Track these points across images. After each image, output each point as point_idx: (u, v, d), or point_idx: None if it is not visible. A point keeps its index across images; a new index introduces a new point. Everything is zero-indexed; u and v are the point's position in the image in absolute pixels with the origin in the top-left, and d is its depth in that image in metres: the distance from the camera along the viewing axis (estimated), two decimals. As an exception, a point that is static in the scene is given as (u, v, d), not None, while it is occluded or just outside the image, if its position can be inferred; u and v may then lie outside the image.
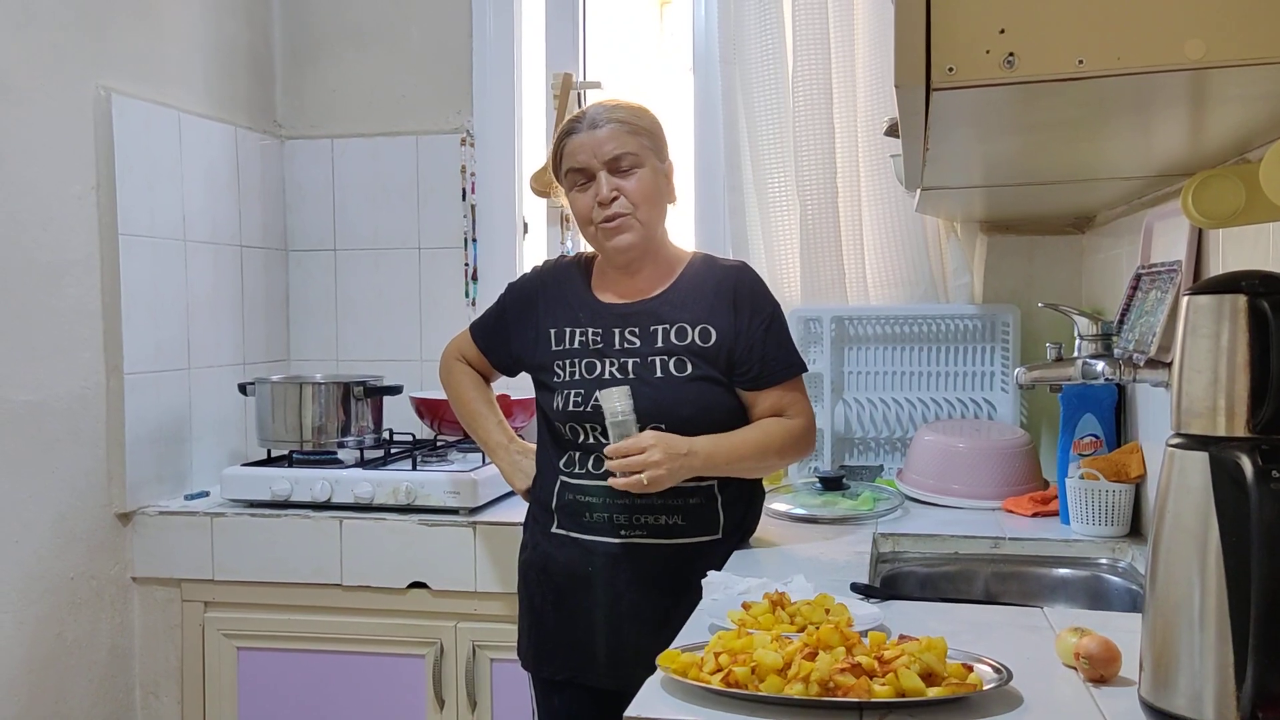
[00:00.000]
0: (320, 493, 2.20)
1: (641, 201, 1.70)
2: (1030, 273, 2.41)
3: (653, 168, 1.72)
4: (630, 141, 1.70)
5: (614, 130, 1.69)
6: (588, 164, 1.70)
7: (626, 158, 1.69)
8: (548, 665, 1.76)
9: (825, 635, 1.12)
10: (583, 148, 1.70)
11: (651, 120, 1.76)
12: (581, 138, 1.71)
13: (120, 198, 2.19)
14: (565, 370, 1.73)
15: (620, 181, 1.70)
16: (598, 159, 1.69)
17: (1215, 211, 1.17)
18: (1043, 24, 0.89)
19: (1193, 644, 0.94)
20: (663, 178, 1.75)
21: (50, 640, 2.07)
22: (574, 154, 1.72)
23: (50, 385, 2.06)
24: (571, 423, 1.71)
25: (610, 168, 1.70)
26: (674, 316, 1.72)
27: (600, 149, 1.69)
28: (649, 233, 1.73)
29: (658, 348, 1.70)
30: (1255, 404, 0.92)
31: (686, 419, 1.65)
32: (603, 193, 1.69)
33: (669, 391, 1.65)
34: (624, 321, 1.73)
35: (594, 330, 1.74)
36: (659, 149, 1.75)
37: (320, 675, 2.19)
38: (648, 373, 1.69)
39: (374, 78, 2.74)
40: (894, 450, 2.42)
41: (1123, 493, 1.81)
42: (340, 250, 2.78)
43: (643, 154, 1.71)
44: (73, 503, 2.11)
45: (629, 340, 1.72)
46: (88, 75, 2.15)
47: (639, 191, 1.70)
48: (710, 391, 1.69)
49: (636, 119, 1.73)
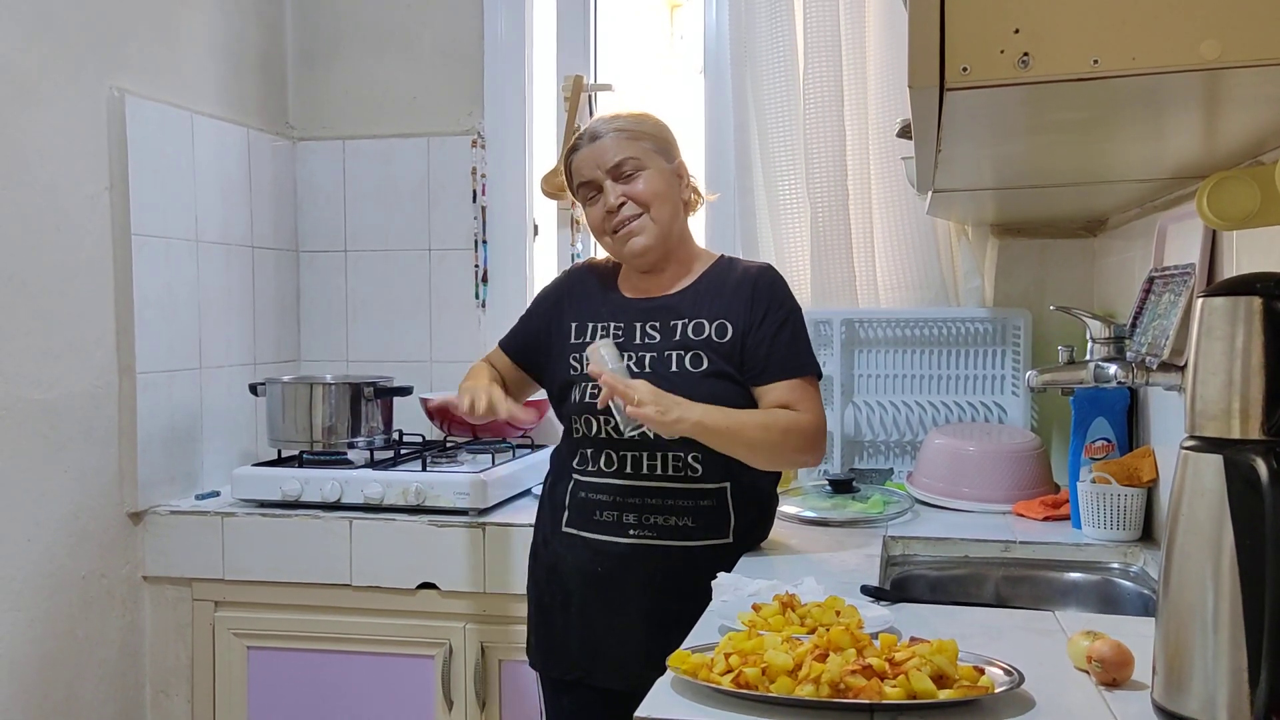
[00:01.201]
0: (330, 493, 2.20)
1: (651, 200, 1.71)
2: (1041, 276, 2.40)
3: (658, 168, 1.73)
4: (630, 146, 1.72)
5: (614, 139, 1.72)
6: (594, 176, 1.73)
7: (628, 162, 1.71)
8: (556, 665, 1.76)
9: (836, 637, 1.12)
10: (587, 161, 1.74)
11: (653, 124, 1.78)
12: (585, 152, 1.74)
13: (133, 198, 2.20)
14: (583, 363, 1.73)
15: (625, 187, 1.71)
16: (601, 169, 1.72)
17: (1230, 213, 1.16)
18: (1058, 24, 0.88)
19: (1206, 647, 0.94)
20: (673, 177, 1.76)
21: (61, 638, 2.08)
22: (580, 169, 1.75)
23: (63, 384, 2.07)
24: (586, 414, 1.72)
25: (614, 175, 1.72)
26: (693, 312, 1.73)
27: (602, 159, 1.72)
28: (664, 231, 1.73)
29: (675, 342, 1.71)
30: (1270, 406, 0.92)
31: None
32: (609, 201, 1.71)
33: (684, 386, 1.65)
34: (645, 316, 1.75)
35: (615, 324, 1.75)
36: (665, 150, 1.76)
37: (330, 675, 2.19)
38: (663, 367, 1.69)
39: (386, 80, 2.75)
40: (904, 453, 2.42)
41: (1134, 497, 1.80)
42: (351, 251, 2.79)
43: (645, 157, 1.72)
44: (84, 502, 2.12)
45: (649, 335, 1.73)
46: (102, 77, 2.16)
47: (647, 192, 1.71)
48: (724, 387, 1.68)
49: (636, 124, 1.75)
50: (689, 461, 1.68)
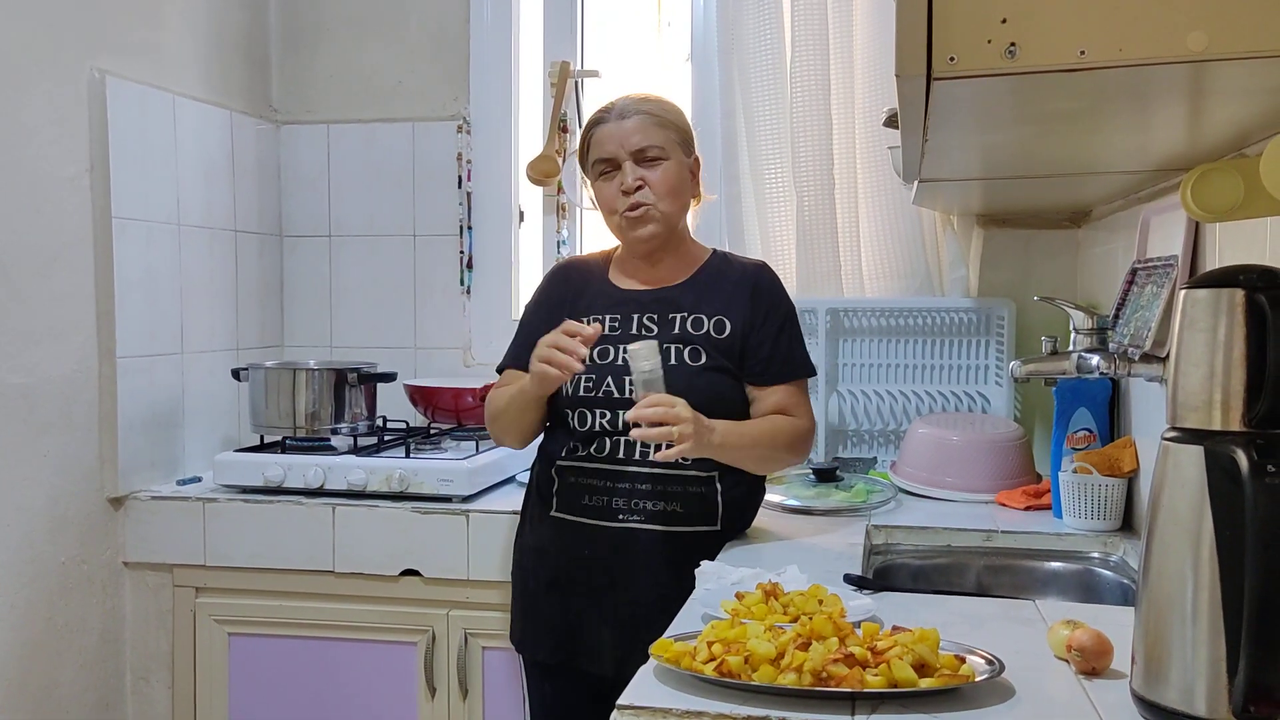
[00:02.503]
0: (313, 479, 2.19)
1: (665, 193, 1.72)
2: (1026, 266, 2.41)
3: (678, 161, 1.74)
4: (657, 134, 1.72)
5: (641, 121, 1.72)
6: (615, 154, 1.73)
7: (652, 149, 1.72)
8: (541, 648, 1.77)
9: (819, 625, 1.12)
10: (610, 137, 1.73)
11: (679, 115, 1.79)
12: (609, 127, 1.73)
13: (114, 181, 2.17)
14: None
15: (645, 172, 1.72)
16: (624, 149, 1.72)
17: (1214, 205, 1.17)
18: (1045, 14, 0.88)
19: (1185, 637, 0.94)
20: (688, 172, 1.77)
21: (40, 625, 2.06)
22: (602, 143, 1.74)
23: (42, 369, 2.05)
24: (581, 408, 1.71)
25: (636, 158, 1.72)
26: (692, 306, 1.74)
27: (628, 139, 1.72)
28: (670, 225, 1.75)
29: (674, 335, 1.71)
30: (1251, 398, 0.92)
31: (698, 408, 1.66)
32: (627, 181, 1.71)
33: (682, 379, 1.65)
34: (643, 308, 1.75)
35: (611, 317, 1.75)
36: (685, 143, 1.78)
37: (312, 662, 2.19)
38: (661, 360, 1.68)
39: (371, 63, 2.72)
40: (888, 442, 2.43)
41: (1115, 487, 1.82)
42: (335, 236, 2.77)
43: (669, 147, 1.73)
44: (64, 487, 2.11)
45: (647, 326, 1.73)
46: (83, 57, 2.13)
47: (663, 183, 1.72)
48: (722, 382, 1.70)
49: (664, 112, 1.76)
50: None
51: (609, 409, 1.69)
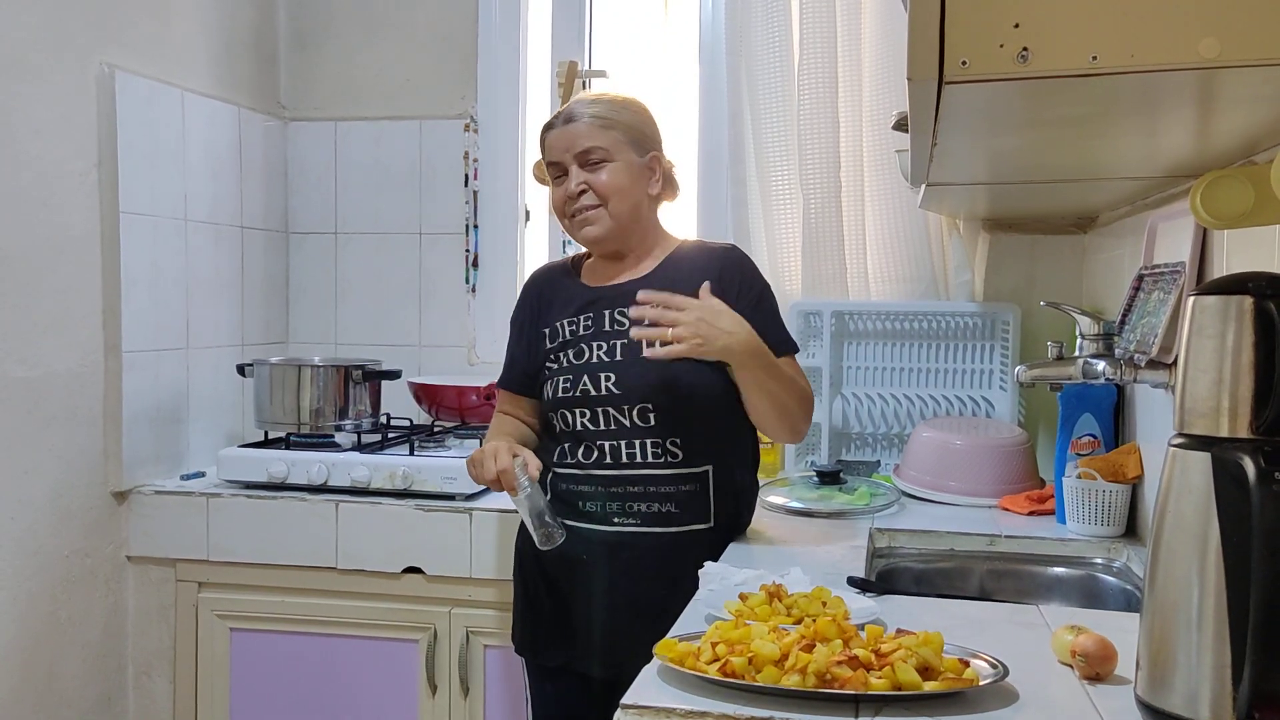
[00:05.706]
0: (317, 476, 2.19)
1: (611, 194, 1.71)
2: (1031, 272, 2.41)
3: (626, 161, 1.73)
4: (601, 136, 1.71)
5: (587, 125, 1.72)
6: (560, 158, 1.74)
7: (596, 151, 1.71)
8: (542, 652, 1.77)
9: (823, 627, 1.12)
10: (557, 142, 1.74)
11: (633, 113, 1.76)
12: (556, 133, 1.75)
13: (122, 175, 2.18)
14: (558, 360, 1.75)
15: (589, 175, 1.72)
16: (569, 153, 1.72)
17: (1223, 212, 1.17)
18: (1057, 19, 0.88)
19: (1190, 643, 0.94)
20: (641, 170, 1.75)
21: (44, 618, 2.07)
22: (550, 148, 1.76)
23: (48, 362, 2.05)
24: (562, 409, 1.72)
25: (580, 161, 1.72)
26: None
27: (572, 143, 1.72)
28: (620, 225, 1.74)
29: (646, 325, 1.70)
30: (1259, 406, 0.92)
31: (683, 397, 1.66)
32: (570, 187, 1.72)
33: (658, 368, 1.65)
34: (612, 303, 1.74)
35: (584, 316, 1.75)
36: (638, 142, 1.75)
37: (313, 658, 2.19)
38: (635, 351, 1.67)
39: (379, 61, 2.73)
40: (891, 446, 2.42)
41: (1119, 493, 1.81)
42: (341, 233, 2.77)
43: (614, 148, 1.72)
44: (68, 480, 2.11)
45: (618, 321, 1.72)
46: (92, 52, 2.14)
47: (609, 185, 1.71)
48: (700, 368, 1.67)
49: (614, 113, 1.73)
50: (668, 447, 1.67)
51: (587, 408, 1.69)
